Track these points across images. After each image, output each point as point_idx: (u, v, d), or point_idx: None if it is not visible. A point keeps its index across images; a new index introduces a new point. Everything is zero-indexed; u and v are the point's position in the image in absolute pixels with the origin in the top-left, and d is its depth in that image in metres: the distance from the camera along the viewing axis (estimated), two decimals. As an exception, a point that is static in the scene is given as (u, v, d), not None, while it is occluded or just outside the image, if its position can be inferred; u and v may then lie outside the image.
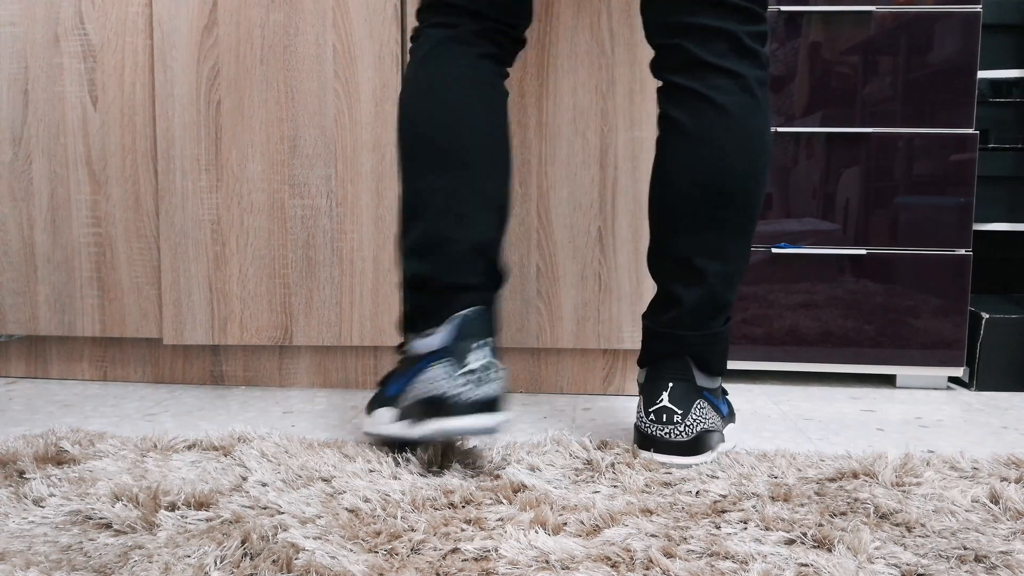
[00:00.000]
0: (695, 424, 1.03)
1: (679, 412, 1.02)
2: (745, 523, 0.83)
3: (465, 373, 0.94)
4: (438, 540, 0.78)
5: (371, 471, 0.98)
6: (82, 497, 0.89)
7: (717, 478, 0.97)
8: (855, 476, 0.97)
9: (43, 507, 0.87)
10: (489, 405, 0.94)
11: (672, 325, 1.05)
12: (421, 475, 0.97)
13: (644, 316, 1.10)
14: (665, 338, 1.06)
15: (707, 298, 1.03)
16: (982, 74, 1.77)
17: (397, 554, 0.75)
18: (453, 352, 0.95)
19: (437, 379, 0.95)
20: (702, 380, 1.06)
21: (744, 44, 0.99)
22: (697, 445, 1.03)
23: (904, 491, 0.92)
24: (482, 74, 1.05)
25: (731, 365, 1.61)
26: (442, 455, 1.01)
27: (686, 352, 1.05)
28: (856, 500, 0.89)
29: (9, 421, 1.28)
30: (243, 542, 0.76)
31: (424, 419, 0.96)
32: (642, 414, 1.05)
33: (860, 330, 1.58)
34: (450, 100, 1.02)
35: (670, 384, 1.04)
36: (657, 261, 1.07)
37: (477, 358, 0.95)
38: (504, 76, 1.11)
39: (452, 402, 0.93)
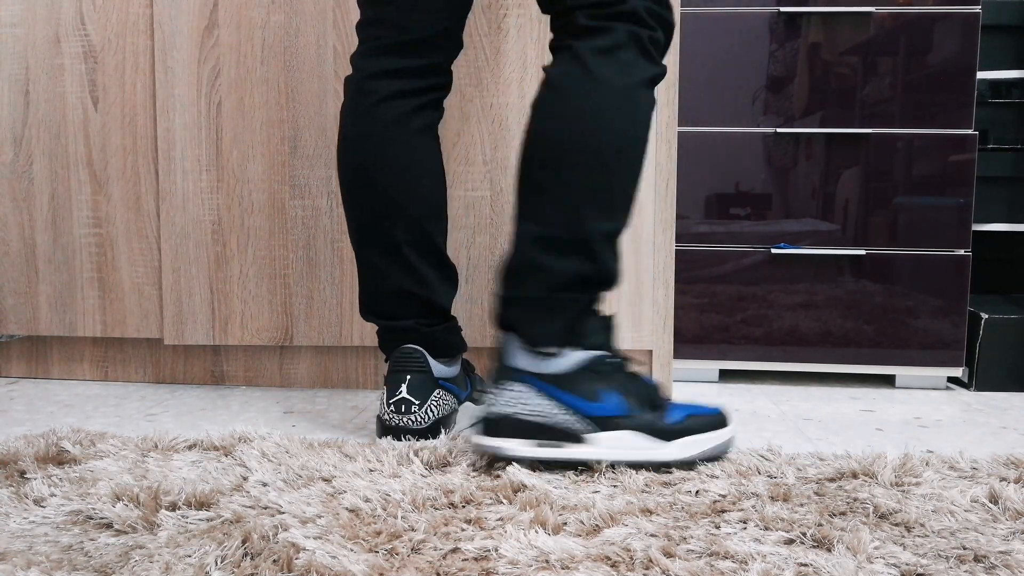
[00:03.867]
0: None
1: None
2: (745, 523, 0.83)
3: (393, 403, 1.13)
4: (438, 540, 0.78)
5: (371, 471, 0.98)
6: (83, 497, 0.89)
7: (717, 478, 0.97)
8: (854, 476, 0.97)
9: (44, 507, 0.87)
10: (414, 431, 1.13)
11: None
12: (422, 475, 0.97)
13: None
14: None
15: (513, 257, 1.04)
16: (981, 75, 1.77)
17: (397, 554, 0.75)
18: (388, 383, 1.15)
19: (381, 402, 1.15)
20: (520, 362, 1.03)
21: (578, 22, 1.02)
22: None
23: (903, 491, 0.92)
24: (397, 120, 1.14)
25: (731, 365, 1.61)
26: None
27: (500, 311, 1.06)
28: (855, 500, 0.89)
29: (10, 421, 1.28)
30: (244, 542, 0.77)
31: (378, 432, 1.17)
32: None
33: (859, 330, 1.58)
34: (361, 159, 1.14)
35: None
36: None
37: (401, 391, 1.13)
38: (426, 107, 1.16)
39: (385, 423, 1.14)
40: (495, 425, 1.01)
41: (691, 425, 1.03)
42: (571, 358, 1.02)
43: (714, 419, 1.05)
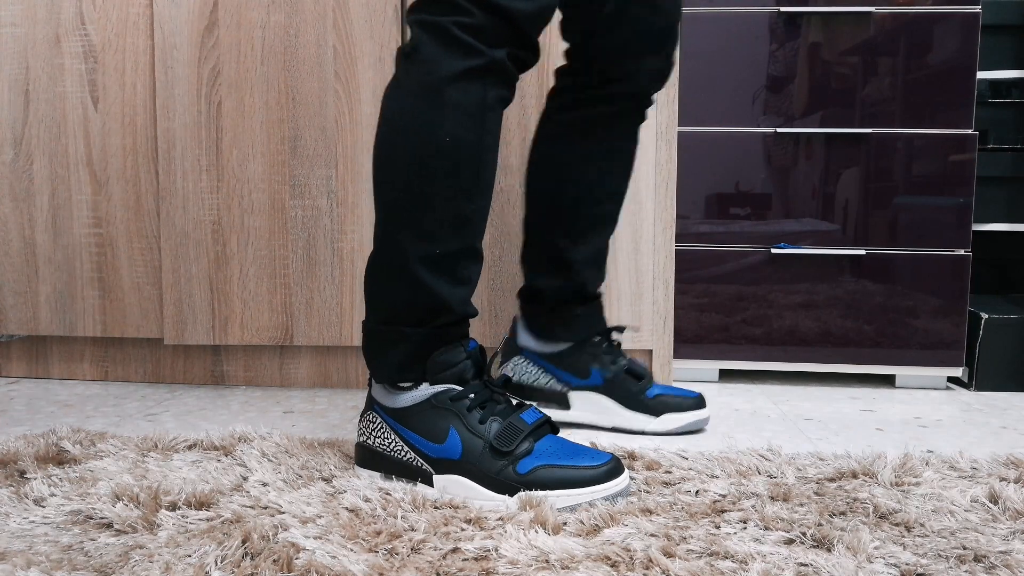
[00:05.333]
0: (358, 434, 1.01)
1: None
2: (745, 523, 0.83)
3: None
4: (438, 540, 0.78)
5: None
6: (83, 497, 0.89)
7: (717, 477, 0.97)
8: (854, 476, 0.97)
9: (44, 507, 0.87)
10: None
11: None
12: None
13: None
14: None
15: None
16: (981, 75, 1.77)
17: (397, 554, 0.75)
18: None
19: None
20: (376, 391, 0.99)
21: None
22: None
23: (903, 491, 0.92)
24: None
25: (731, 365, 1.61)
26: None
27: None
28: (855, 500, 0.89)
29: (10, 421, 1.28)
30: (244, 542, 0.77)
31: None
32: None
33: (859, 330, 1.58)
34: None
35: None
36: None
37: None
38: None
39: None
40: (357, 450, 1.00)
41: (542, 477, 0.89)
42: (416, 393, 0.95)
43: (584, 471, 0.90)
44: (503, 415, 0.93)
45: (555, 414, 1.24)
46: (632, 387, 1.22)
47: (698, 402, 1.24)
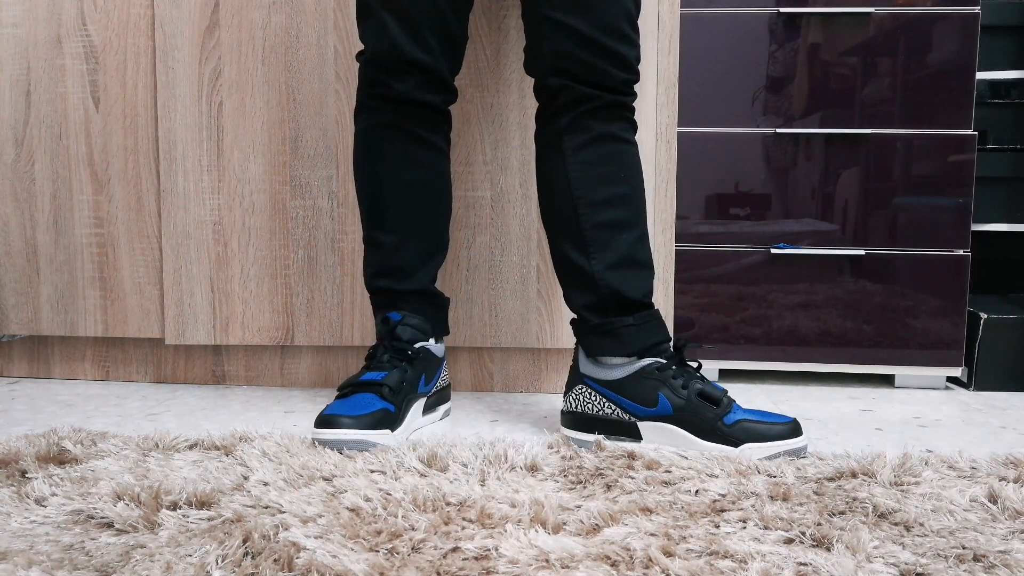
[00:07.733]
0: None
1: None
2: (744, 522, 0.83)
3: None
4: (439, 539, 0.79)
5: (372, 471, 0.99)
6: (84, 496, 0.89)
7: (716, 477, 0.97)
8: (854, 475, 0.97)
9: (45, 506, 0.87)
10: None
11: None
12: (422, 474, 0.97)
13: None
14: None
15: None
16: (981, 75, 1.77)
17: (398, 553, 0.76)
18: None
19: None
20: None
21: None
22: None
23: (902, 490, 0.93)
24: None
25: (731, 365, 1.61)
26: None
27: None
28: (855, 499, 0.90)
29: (11, 421, 1.28)
30: (244, 541, 0.77)
31: None
32: None
33: (859, 330, 1.58)
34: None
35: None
36: None
37: None
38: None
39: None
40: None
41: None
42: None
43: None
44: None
45: (627, 445, 1.11)
46: (707, 413, 1.10)
47: (790, 429, 1.08)
